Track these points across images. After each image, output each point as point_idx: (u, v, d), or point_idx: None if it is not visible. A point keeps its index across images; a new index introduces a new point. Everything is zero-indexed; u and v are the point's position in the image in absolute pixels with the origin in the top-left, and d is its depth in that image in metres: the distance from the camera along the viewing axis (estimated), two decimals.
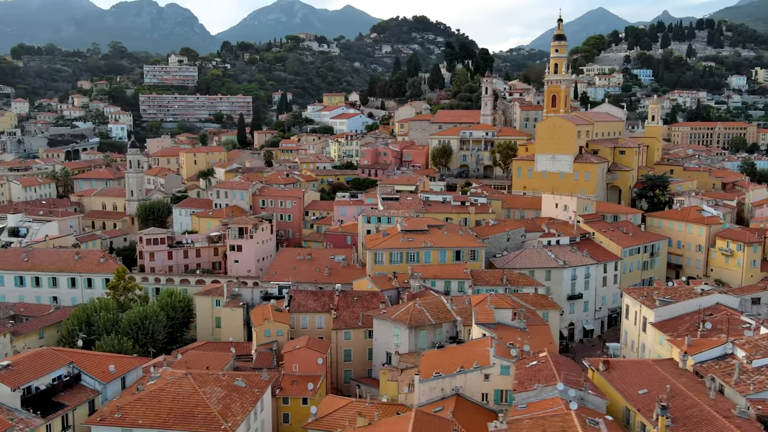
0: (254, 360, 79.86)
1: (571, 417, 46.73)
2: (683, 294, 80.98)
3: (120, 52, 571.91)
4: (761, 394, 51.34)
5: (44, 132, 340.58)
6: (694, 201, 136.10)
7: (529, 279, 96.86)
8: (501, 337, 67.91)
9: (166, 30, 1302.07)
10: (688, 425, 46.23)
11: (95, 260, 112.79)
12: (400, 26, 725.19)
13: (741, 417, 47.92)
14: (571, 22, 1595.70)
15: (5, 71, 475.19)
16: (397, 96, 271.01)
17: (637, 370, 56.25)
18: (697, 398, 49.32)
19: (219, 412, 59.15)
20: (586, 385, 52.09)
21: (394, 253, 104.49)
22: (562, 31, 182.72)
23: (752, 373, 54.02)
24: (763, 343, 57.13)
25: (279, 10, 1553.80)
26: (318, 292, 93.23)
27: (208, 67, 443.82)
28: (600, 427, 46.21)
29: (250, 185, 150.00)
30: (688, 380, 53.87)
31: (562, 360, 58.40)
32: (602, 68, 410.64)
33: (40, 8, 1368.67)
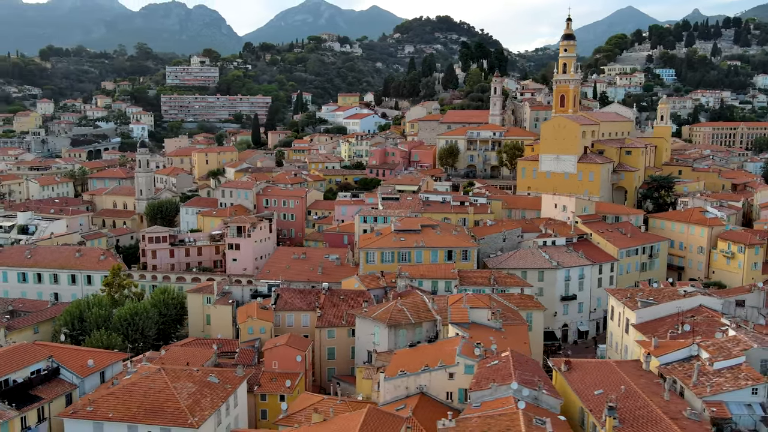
0: (237, 357, 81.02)
1: (518, 416, 46.92)
2: (666, 296, 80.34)
3: (145, 53, 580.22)
4: (717, 396, 51.01)
5: (67, 132, 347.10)
6: (697, 202, 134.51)
7: (516, 279, 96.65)
8: (473, 336, 68.10)
9: (194, 31, 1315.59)
10: (634, 426, 46.17)
11: (95, 257, 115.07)
12: (423, 26, 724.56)
13: (691, 419, 47.69)
14: (600, 22, 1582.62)
15: (33, 73, 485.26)
16: (410, 96, 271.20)
17: (598, 371, 56.11)
18: (650, 399, 49.13)
19: (187, 406, 60.15)
20: (540, 384, 52.10)
21: (385, 253, 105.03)
22: (571, 31, 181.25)
23: (712, 375, 53.62)
24: (728, 345, 56.60)
25: (305, 11, 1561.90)
26: (305, 291, 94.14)
27: (229, 68, 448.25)
28: (546, 427, 46.26)
29: (254, 185, 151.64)
30: (647, 381, 53.65)
31: (525, 360, 58.39)
32: (624, 68, 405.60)
33: (71, 11, 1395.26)
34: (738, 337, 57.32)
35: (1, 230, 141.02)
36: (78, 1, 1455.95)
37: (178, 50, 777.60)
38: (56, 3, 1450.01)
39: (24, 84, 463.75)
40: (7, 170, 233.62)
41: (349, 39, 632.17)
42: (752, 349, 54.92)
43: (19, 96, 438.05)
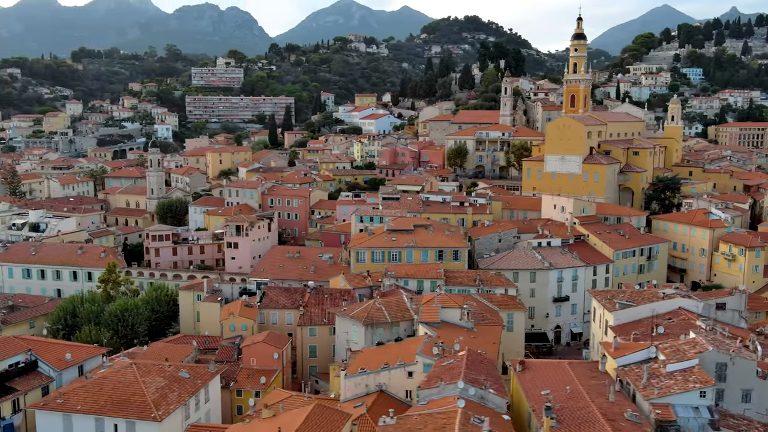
0: (217, 353, 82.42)
1: (456, 414, 47.20)
2: (646, 298, 79.67)
3: (175, 54, 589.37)
4: (665, 398, 50.67)
5: (94, 132, 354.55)
6: (702, 204, 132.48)
7: (502, 280, 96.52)
8: (440, 336, 68.50)
9: (227, 33, 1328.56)
10: (571, 426, 46.17)
11: (96, 255, 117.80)
12: (450, 26, 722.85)
13: (631, 420, 47.50)
14: (634, 21, 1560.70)
15: (65, 74, 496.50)
16: (427, 96, 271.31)
17: (550, 371, 56.07)
18: (593, 401, 49.01)
19: (153, 400, 61.44)
20: (486, 384, 52.28)
21: (376, 252, 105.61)
22: (582, 30, 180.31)
23: (665, 377, 53.25)
24: (684, 348, 56.09)
25: (336, 11, 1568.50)
26: (291, 289, 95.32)
27: (254, 69, 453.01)
28: (484, 426, 46.42)
29: (259, 184, 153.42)
30: (597, 383, 53.45)
31: (480, 360, 58.54)
32: (649, 67, 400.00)
33: (107, 13, 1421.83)
34: (695, 339, 56.76)
35: (14, 227, 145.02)
36: (113, 4, 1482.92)
37: (210, 51, 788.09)
38: (92, 6, 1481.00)
39: (56, 85, 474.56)
40: (32, 169, 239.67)
41: (376, 40, 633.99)
42: (707, 352, 54.33)
43: (51, 97, 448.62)
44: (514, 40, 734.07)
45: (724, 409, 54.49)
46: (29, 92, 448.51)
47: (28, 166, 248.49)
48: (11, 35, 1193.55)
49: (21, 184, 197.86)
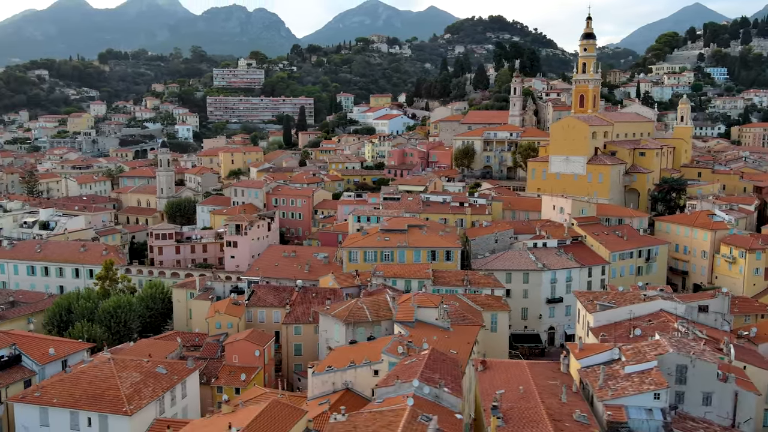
0: (201, 350, 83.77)
1: (403, 412, 47.60)
2: (628, 299, 79.25)
3: (200, 56, 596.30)
4: (618, 400, 50.55)
5: (117, 133, 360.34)
6: (705, 205, 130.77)
7: (490, 280, 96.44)
8: (414, 334, 68.82)
9: (254, 34, 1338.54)
10: (516, 426, 46.28)
11: (98, 253, 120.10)
12: (474, 26, 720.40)
13: (579, 421, 47.46)
14: (665, 19, 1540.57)
15: (91, 75, 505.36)
16: (441, 97, 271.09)
17: (510, 371, 56.13)
18: (543, 401, 49.04)
19: (126, 395, 62.76)
20: (441, 383, 52.51)
21: (368, 252, 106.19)
22: (591, 30, 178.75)
23: (622, 379, 53.05)
24: (646, 350, 55.79)
25: (363, 12, 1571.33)
26: (280, 288, 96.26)
27: (275, 70, 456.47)
28: (430, 424, 46.72)
29: (264, 184, 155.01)
30: (552, 384, 53.37)
31: (443, 359, 58.70)
32: (672, 66, 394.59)
33: (137, 15, 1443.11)
34: (658, 341, 56.39)
35: (26, 225, 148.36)
36: (143, 6, 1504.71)
37: (238, 53, 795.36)
38: (123, 8, 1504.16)
39: (82, 86, 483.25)
40: (52, 169, 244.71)
41: (398, 40, 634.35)
42: (667, 354, 53.99)
43: (77, 98, 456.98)
44: (539, 40, 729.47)
45: (685, 411, 54.19)
46: (56, 93, 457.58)
47: (49, 166, 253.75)
48: (44, 37, 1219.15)
49: (38, 183, 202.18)
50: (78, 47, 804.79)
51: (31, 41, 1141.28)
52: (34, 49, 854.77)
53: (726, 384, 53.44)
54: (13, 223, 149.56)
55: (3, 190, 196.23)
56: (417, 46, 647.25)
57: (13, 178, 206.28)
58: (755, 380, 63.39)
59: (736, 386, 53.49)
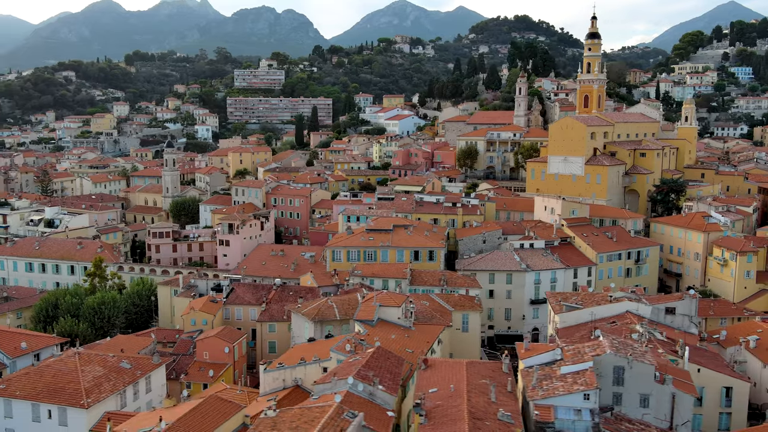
0: (175, 346, 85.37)
1: (329, 408, 48.28)
2: (594, 301, 78.88)
3: (225, 57, 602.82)
4: (548, 400, 50.58)
5: (138, 133, 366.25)
6: (702, 206, 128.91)
7: (468, 280, 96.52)
8: (372, 333, 69.51)
9: (283, 35, 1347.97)
10: (436, 423, 46.61)
11: (93, 250, 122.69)
12: (499, 26, 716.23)
13: (502, 420, 47.63)
14: (699, 18, 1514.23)
15: (117, 77, 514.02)
16: (453, 97, 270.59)
17: (448, 370, 56.29)
18: (469, 399, 49.26)
19: (86, 388, 64.51)
20: (375, 380, 53.05)
21: (351, 251, 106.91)
22: (596, 29, 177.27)
23: (557, 379, 53.02)
24: (585, 350, 55.63)
25: (391, 13, 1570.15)
26: (259, 286, 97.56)
27: (295, 71, 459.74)
28: (355, 420, 47.33)
29: (263, 184, 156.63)
30: (484, 383, 53.43)
31: (387, 357, 59.22)
32: (695, 66, 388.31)
33: (168, 17, 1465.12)
34: (599, 342, 56.18)
35: (32, 223, 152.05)
36: (175, 9, 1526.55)
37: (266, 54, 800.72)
38: (155, 10, 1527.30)
39: (108, 87, 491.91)
40: (70, 168, 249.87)
41: (422, 40, 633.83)
42: (605, 355, 53.76)
43: (103, 99, 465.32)
44: (565, 40, 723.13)
45: (623, 413, 53.98)
46: (82, 94, 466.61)
47: (67, 165, 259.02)
48: (78, 39, 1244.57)
49: (52, 182, 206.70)
50: (110, 49, 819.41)
51: (66, 43, 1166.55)
52: (69, 51, 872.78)
53: (663, 386, 53.04)
54: (20, 221, 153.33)
55: (17, 189, 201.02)
56: (441, 47, 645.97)
57: (28, 177, 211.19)
58: (710, 383, 63.12)
59: (673, 388, 53.08)
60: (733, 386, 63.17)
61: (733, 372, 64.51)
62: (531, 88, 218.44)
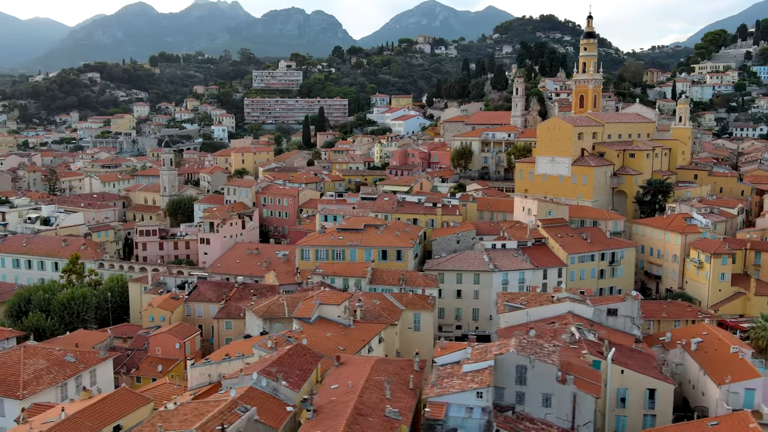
0: (131, 342, 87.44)
1: (222, 402, 49.45)
2: (538, 301, 78.91)
3: (248, 58, 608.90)
4: (442, 397, 51.03)
5: (156, 133, 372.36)
6: (684, 208, 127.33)
7: (428, 280, 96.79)
8: (308, 330, 70.48)
9: (312, 36, 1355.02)
10: (321, 418, 47.43)
11: (77, 247, 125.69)
12: (524, 26, 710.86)
13: (389, 416, 48.26)
14: (735, 16, 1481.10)
15: (141, 78, 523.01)
16: (459, 97, 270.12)
17: (356, 367, 56.99)
18: (361, 395, 49.95)
19: (25, 380, 66.59)
20: (279, 376, 53.96)
21: (320, 250, 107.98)
22: (593, 29, 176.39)
23: (458, 377, 53.39)
24: (491, 349, 55.89)
25: (420, 13, 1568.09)
26: (222, 284, 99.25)
27: (313, 71, 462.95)
28: (246, 415, 48.39)
29: (254, 183, 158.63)
30: (380, 379, 53.96)
31: (305, 354, 60.10)
32: (716, 65, 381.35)
33: (199, 19, 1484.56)
34: (506, 341, 56.39)
35: (29, 221, 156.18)
36: (206, 11, 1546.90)
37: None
38: (186, 12, 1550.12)
39: (132, 88, 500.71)
40: (83, 167, 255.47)
41: (445, 41, 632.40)
42: (507, 354, 53.92)
43: (126, 99, 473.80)
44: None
45: (526, 412, 54.13)
46: (106, 95, 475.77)
47: (81, 164, 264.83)
48: (112, 41, 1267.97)
49: (59, 181, 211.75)
50: (142, 50, 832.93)
51: (99, 45, 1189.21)
52: (102, 53, 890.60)
53: (565, 386, 53.03)
54: (18, 218, 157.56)
55: (25, 187, 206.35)
56: (464, 47, 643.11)
57: (36, 176, 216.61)
58: (633, 384, 62.89)
59: (575, 388, 53.04)
60: (657, 388, 62.68)
61: (659, 374, 64.01)
62: (534, 88, 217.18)
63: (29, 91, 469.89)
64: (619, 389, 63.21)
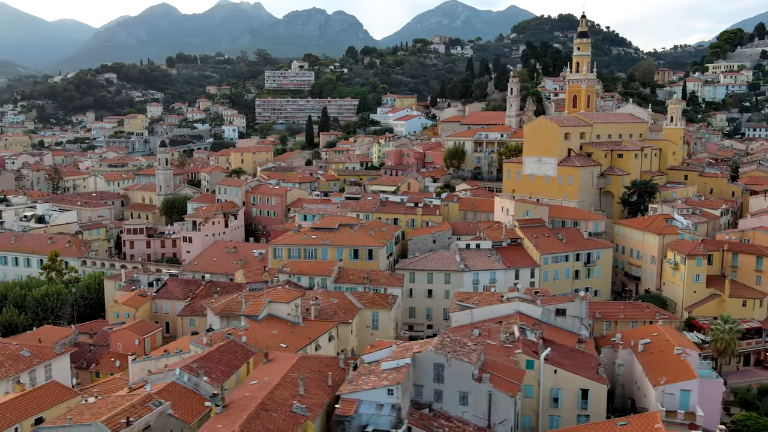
0: (95, 338, 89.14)
1: (134, 396, 50.61)
2: (490, 301, 79.07)
3: (264, 58, 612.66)
4: (355, 394, 51.67)
5: (168, 133, 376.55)
6: (666, 209, 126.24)
7: (393, 279, 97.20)
8: (253, 327, 71.45)
9: (332, 36, 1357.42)
10: (228, 413, 48.22)
11: (62, 245, 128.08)
12: (541, 25, 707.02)
13: (295, 412, 48.93)
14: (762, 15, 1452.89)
15: (157, 78, 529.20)
16: (462, 97, 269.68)
17: (281, 363, 57.67)
18: (273, 391, 50.68)
19: None
20: (200, 372, 54.93)
21: (292, 249, 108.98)
22: (585, 28, 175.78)
23: (375, 375, 53.90)
24: (413, 347, 56.30)
25: (441, 13, 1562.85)
26: (191, 281, 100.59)
27: (325, 71, 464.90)
28: (157, 409, 49.47)
29: (243, 183, 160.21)
30: (294, 375, 54.60)
31: (236, 350, 61.07)
32: (730, 65, 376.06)
33: (222, 20, 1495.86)
34: (429, 340, 56.78)
35: (25, 219, 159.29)
36: (229, 12, 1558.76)
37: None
38: (209, 13, 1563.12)
39: (148, 89, 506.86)
40: (91, 167, 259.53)
41: (461, 41, 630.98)
42: (425, 352, 54.39)
43: (142, 100, 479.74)
44: (610, 39, 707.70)
45: (444, 410, 54.53)
46: (122, 95, 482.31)
47: (89, 164, 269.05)
48: (136, 42, 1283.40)
49: (62, 180, 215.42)
50: (165, 51, 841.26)
51: (124, 46, 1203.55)
52: (126, 54, 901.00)
53: (480, 384, 53.36)
54: (14, 216, 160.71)
55: (28, 186, 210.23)
56: (480, 47, 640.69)
57: (39, 175, 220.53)
58: (566, 384, 62.95)
59: (491, 387, 53.28)
60: (590, 388, 62.61)
61: (594, 374, 63.84)
62: (533, 88, 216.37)
63: (47, 92, 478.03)
64: (552, 389, 63.27)
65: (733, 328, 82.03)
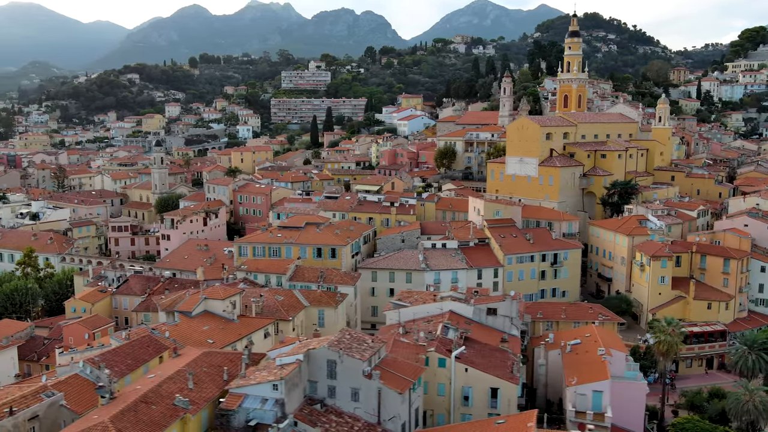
0: (50, 332, 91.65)
1: (33, 387, 52.36)
2: (420, 300, 79.64)
3: (286, 59, 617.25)
4: (242, 389, 52.78)
5: (184, 133, 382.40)
6: (641, 210, 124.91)
7: (347, 278, 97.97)
8: (182, 323, 73.12)
9: (361, 36, 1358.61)
10: (113, 405, 49.59)
11: (44, 241, 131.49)
12: (566, 24, 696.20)
13: (176, 405, 50.14)
14: None
15: (179, 78, 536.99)
16: (467, 97, 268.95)
17: (186, 358, 58.92)
18: (161, 385, 51.93)
19: None
20: (102, 365, 56.43)
21: (257, 247, 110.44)
22: (577, 28, 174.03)
23: (267, 370, 54.84)
24: (312, 344, 57.10)
25: (471, 12, 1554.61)
26: (152, 278, 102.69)
27: (342, 71, 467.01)
28: (47, 400, 51.13)
29: (231, 182, 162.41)
30: (206, 371, 55.83)
31: (148, 344, 62.56)
32: (750, 64, 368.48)
33: (252, 21, 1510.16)
34: (326, 338, 57.53)
35: (20, 216, 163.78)
36: (259, 13, 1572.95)
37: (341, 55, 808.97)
38: (240, 14, 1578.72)
39: (170, 89, 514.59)
40: (102, 166, 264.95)
41: (483, 40, 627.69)
42: (319, 349, 55.16)
43: (163, 100, 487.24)
44: (636, 38, 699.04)
45: (337, 406, 55.25)
46: (144, 96, 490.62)
47: (100, 163, 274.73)
48: (167, 43, 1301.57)
49: (67, 179, 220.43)
50: (196, 52, 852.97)
51: (155, 47, 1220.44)
52: (158, 55, 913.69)
53: (371, 381, 53.94)
54: (11, 213, 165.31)
55: (33, 184, 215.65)
56: (503, 46, 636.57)
57: (45, 173, 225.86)
58: (477, 383, 63.27)
59: (380, 384, 53.83)
60: (500, 387, 62.71)
61: (506, 374, 63.85)
62: (533, 88, 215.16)
63: (71, 92, 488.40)
64: (464, 387, 63.50)
65: (676, 329, 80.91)
